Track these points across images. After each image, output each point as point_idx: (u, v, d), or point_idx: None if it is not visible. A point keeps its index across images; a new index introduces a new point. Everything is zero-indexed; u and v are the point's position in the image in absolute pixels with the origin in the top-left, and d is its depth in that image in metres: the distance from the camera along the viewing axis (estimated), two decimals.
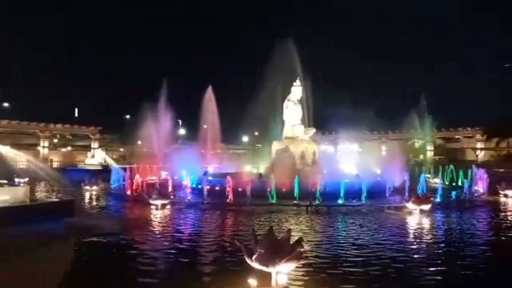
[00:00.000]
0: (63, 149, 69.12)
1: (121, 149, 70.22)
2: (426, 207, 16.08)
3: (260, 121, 31.94)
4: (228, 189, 18.41)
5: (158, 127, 36.74)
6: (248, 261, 7.00)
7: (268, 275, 6.88)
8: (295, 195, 18.10)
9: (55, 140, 68.28)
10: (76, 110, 76.04)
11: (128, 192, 22.39)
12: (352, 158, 37.06)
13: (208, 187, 20.14)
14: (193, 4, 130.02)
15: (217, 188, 20.30)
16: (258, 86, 29.45)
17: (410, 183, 20.68)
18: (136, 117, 38.94)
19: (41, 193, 22.27)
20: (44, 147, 62.18)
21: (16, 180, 20.58)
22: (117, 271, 8.23)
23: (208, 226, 13.72)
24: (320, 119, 32.21)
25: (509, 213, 16.98)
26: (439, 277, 8.13)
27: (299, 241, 7.44)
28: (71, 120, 68.93)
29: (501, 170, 34.91)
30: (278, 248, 6.93)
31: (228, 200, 18.05)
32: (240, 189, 18.94)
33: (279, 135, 28.57)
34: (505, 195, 21.06)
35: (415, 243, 11.51)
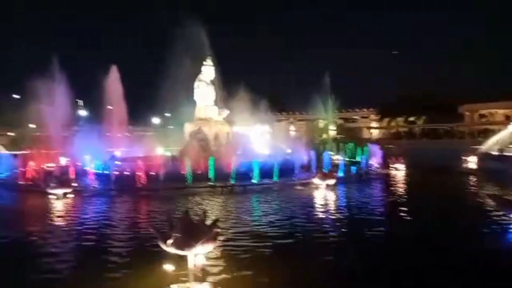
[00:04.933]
0: None
1: (10, 133, 61.61)
2: (331, 181, 17.46)
3: (171, 102, 30.76)
4: (139, 173, 17.50)
5: (53, 107, 32.88)
6: (163, 246, 6.77)
7: (185, 258, 6.76)
8: (210, 176, 18.04)
9: None
10: None
11: (21, 182, 19.82)
12: (264, 139, 38.34)
13: (116, 172, 18.88)
14: None
15: (126, 173, 19.15)
16: (168, 64, 28.19)
17: (316, 161, 22.22)
18: (26, 97, 34.22)
19: None
20: None
21: None
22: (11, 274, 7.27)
23: (119, 214, 12.88)
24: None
25: (398, 184, 19.53)
26: (338, 239, 9.16)
27: (215, 222, 7.43)
28: None
29: (391, 146, 39.66)
30: (195, 231, 6.82)
31: (139, 185, 17.19)
32: (152, 173, 18.19)
33: (192, 116, 27.97)
34: (395, 168, 24.00)
35: (320, 214, 12.52)
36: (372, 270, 7.13)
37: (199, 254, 6.90)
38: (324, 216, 12.19)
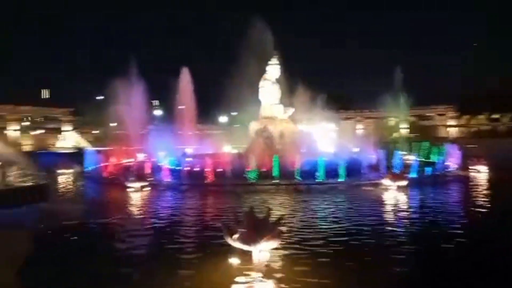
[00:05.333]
0: (34, 132, 66.52)
1: (95, 131, 68.22)
2: (402, 183, 16.52)
3: (237, 101, 31.58)
4: (207, 170, 18.26)
5: (132, 108, 35.74)
6: (229, 241, 6.99)
7: (250, 254, 6.90)
8: (274, 174, 18.18)
9: (25, 123, 65.59)
10: (46, 91, 73.15)
11: (104, 175, 21.86)
12: (330, 137, 37.55)
13: (187, 168, 19.93)
14: None
15: (196, 169, 20.10)
16: (234, 65, 28.97)
17: (385, 161, 21.16)
18: (109, 98, 37.67)
19: (13, 178, 21.42)
20: (14, 130, 59.76)
21: None
22: (92, 258, 8.06)
23: (189, 208, 13.60)
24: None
25: (479, 187, 17.72)
26: (412, 248, 8.46)
27: (279, 220, 7.49)
28: (39, 101, 66.33)
29: (472, 146, 36.29)
30: (259, 227, 6.95)
31: (207, 181, 17.94)
32: (219, 170, 18.85)
33: (257, 115, 28.40)
34: (476, 170, 21.90)
35: (390, 218, 11.87)
36: None
37: (264, 250, 7.01)
38: (395, 220, 11.49)
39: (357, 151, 28.08)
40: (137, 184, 16.89)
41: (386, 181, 16.75)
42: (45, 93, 74.38)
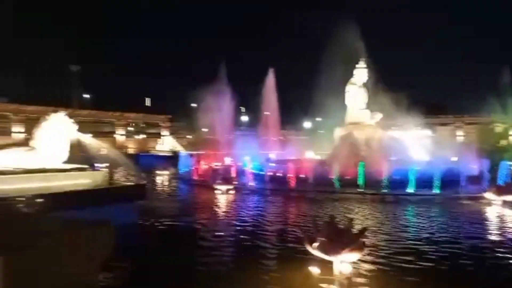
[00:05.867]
0: (137, 137, 74.36)
1: (189, 136, 73.54)
2: (509, 198, 14.52)
3: (322, 107, 31.12)
4: (290, 175, 18.37)
5: (221, 114, 37.72)
6: (309, 249, 6.93)
7: (330, 264, 6.75)
8: (359, 183, 17.48)
9: (130, 128, 73.83)
10: (149, 100, 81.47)
11: (194, 177, 23.43)
12: (424, 144, 34.66)
13: (270, 173, 20.31)
14: None
15: (279, 174, 20.36)
16: (319, 70, 28.65)
17: (490, 172, 18.81)
18: (202, 105, 40.36)
19: (117, 178, 24.20)
20: (120, 134, 67.67)
21: (96, 165, 22.57)
22: (180, 255, 8.67)
23: (271, 212, 13.84)
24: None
25: None
26: None
27: (362, 231, 7.18)
28: (143, 109, 74.10)
29: None
30: (340, 237, 6.75)
31: (289, 187, 18.02)
32: (301, 176, 18.80)
33: (343, 120, 27.64)
34: None
35: (494, 237, 10.49)
36: None
37: (345, 262, 6.78)
38: (498, 241, 10.07)
39: (456, 161, 25.46)
40: (224, 187, 17.75)
41: (489, 195, 14.91)
42: (148, 101, 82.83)
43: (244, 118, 71.20)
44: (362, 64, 26.98)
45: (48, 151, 11.62)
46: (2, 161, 10.90)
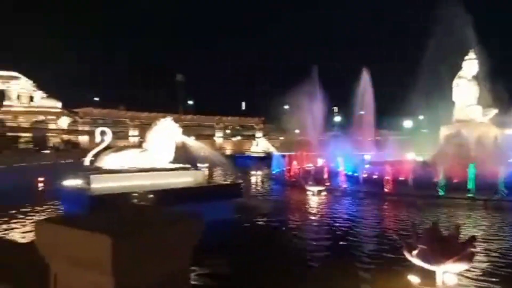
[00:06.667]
0: (233, 139, 78.35)
1: (281, 138, 74.73)
2: None
3: (425, 104, 28.65)
4: (387, 178, 17.35)
5: (313, 115, 37.51)
6: (408, 256, 6.48)
7: (432, 274, 6.22)
8: (469, 187, 15.64)
9: (227, 131, 78.25)
10: (244, 103, 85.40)
11: (287, 178, 23.72)
12: None
13: (365, 175, 19.49)
14: None
15: (374, 176, 19.39)
16: (421, 64, 26.40)
17: None
18: (294, 107, 40.70)
19: (216, 177, 25.87)
20: (219, 137, 72.21)
21: (198, 165, 24.48)
22: (274, 253, 8.86)
23: (365, 216, 13.23)
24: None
25: None
26: None
27: (471, 240, 6.45)
28: (239, 112, 78.01)
29: None
30: (444, 246, 6.17)
31: (386, 190, 17.03)
32: (400, 179, 17.61)
33: (449, 118, 25.06)
34: None
35: None
36: None
37: (449, 272, 6.19)
38: None
39: None
40: (315, 188, 17.61)
41: None
42: (243, 105, 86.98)
43: (337, 119, 69.52)
44: (471, 55, 24.16)
45: (157, 152, 12.98)
46: (119, 161, 12.52)
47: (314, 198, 16.69)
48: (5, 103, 52.93)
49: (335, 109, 72.58)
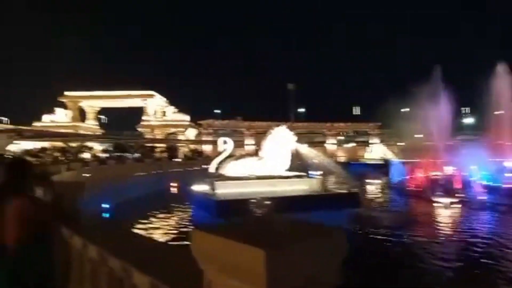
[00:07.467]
0: (346, 145, 75.89)
1: (400, 143, 69.39)
2: None
3: None
4: None
5: (437, 117, 33.73)
6: None
7: None
8: None
9: (339, 138, 76.31)
10: (358, 108, 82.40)
11: (409, 188, 21.76)
12: None
13: (507, 185, 16.57)
14: None
15: None
16: None
17: None
18: (413, 109, 37.31)
19: (331, 185, 25.21)
20: (331, 144, 71.01)
21: (311, 173, 24.27)
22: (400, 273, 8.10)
23: (509, 234, 11.17)
24: None
25: None
26: None
27: None
28: (351, 118, 75.51)
29: None
30: None
31: None
32: None
33: None
34: None
35: None
36: None
37: None
38: None
39: None
40: (446, 200, 15.69)
41: None
42: (356, 110, 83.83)
43: (468, 121, 61.25)
44: None
45: (273, 160, 13.34)
46: (239, 168, 13.26)
47: (445, 211, 14.83)
48: (143, 117, 62.03)
49: (466, 110, 64.18)
